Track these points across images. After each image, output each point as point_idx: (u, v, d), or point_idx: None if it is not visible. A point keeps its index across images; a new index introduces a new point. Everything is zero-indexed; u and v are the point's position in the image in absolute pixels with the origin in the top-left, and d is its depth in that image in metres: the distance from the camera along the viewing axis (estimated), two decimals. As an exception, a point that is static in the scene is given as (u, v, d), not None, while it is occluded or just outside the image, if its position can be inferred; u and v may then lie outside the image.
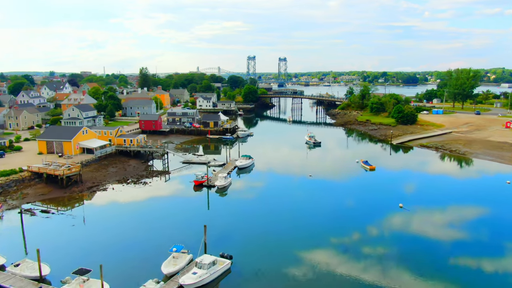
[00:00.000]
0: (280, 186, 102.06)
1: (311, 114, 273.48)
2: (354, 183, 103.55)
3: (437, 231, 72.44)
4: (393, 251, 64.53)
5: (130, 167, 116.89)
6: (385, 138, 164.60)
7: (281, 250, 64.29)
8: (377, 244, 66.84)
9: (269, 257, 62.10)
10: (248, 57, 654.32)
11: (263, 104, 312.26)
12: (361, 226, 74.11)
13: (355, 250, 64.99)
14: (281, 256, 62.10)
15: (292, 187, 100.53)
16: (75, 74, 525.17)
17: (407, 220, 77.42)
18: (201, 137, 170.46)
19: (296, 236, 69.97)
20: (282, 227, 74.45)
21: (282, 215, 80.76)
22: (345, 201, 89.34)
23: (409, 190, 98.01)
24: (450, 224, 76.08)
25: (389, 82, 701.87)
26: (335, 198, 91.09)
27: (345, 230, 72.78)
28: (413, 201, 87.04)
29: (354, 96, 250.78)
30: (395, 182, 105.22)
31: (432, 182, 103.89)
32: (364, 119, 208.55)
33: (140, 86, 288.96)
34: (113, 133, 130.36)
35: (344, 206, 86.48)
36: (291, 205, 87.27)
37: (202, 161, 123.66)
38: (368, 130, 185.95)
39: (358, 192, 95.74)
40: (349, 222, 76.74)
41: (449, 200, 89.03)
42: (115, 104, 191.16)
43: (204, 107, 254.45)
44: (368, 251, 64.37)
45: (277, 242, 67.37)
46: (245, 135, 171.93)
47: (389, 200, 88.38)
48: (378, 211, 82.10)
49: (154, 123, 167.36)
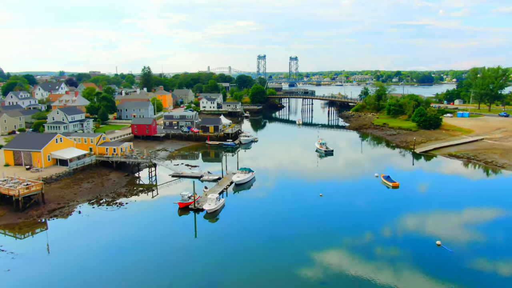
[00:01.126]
0: (283, 208, 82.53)
1: (322, 116, 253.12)
2: (375, 207, 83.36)
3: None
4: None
5: (109, 182, 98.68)
6: (406, 145, 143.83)
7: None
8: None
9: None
10: (259, 56, 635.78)
11: (272, 105, 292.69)
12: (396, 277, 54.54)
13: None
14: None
15: (298, 211, 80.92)
16: (83, 74, 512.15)
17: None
18: (199, 143, 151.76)
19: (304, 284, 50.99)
20: (284, 264, 55.81)
21: (284, 250, 61.88)
22: (364, 235, 69.54)
23: (447, 223, 77.39)
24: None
25: (403, 81, 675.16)
26: (350, 230, 71.34)
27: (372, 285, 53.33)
28: (455, 241, 66.99)
29: (369, 97, 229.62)
30: (426, 205, 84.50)
31: (476, 213, 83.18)
32: (380, 123, 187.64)
33: (142, 86, 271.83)
34: (94, 141, 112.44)
35: (364, 243, 66.74)
36: (296, 237, 68.04)
37: (195, 174, 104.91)
38: (386, 135, 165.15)
39: (380, 220, 75.76)
40: (374, 271, 57.10)
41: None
42: (108, 106, 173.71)
43: (208, 108, 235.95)
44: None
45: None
46: (249, 141, 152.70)
47: (423, 237, 68.37)
48: (412, 251, 62.31)
49: (148, 128, 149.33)
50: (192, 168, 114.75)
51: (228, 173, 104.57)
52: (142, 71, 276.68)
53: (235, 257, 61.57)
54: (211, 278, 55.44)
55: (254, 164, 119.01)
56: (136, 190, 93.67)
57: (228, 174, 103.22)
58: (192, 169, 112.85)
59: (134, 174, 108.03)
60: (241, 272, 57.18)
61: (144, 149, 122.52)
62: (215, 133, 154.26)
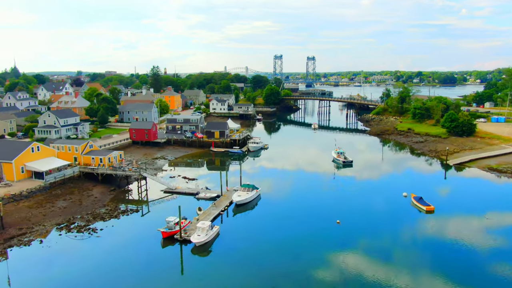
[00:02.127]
0: (291, 238, 65.81)
1: (340, 118, 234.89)
2: (408, 243, 65.89)
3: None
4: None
5: (89, 199, 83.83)
6: (437, 155, 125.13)
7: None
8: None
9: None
10: (275, 56, 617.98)
11: (287, 106, 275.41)
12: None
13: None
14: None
15: (309, 244, 64.18)
16: (98, 74, 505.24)
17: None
18: (203, 150, 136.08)
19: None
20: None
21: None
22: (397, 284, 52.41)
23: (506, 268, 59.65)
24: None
25: (424, 82, 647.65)
26: (376, 276, 54.26)
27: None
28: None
29: (392, 99, 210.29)
30: (471, 237, 66.86)
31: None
32: (405, 128, 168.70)
33: (151, 86, 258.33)
34: (79, 149, 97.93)
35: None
36: (305, 281, 51.55)
37: (190, 191, 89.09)
38: (412, 142, 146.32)
39: (417, 264, 58.47)
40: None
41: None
42: (108, 108, 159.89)
43: (218, 110, 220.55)
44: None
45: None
46: (258, 148, 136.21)
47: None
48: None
49: (147, 133, 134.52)
50: (189, 181, 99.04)
51: (228, 189, 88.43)
52: (151, 71, 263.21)
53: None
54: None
55: (261, 177, 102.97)
56: (118, 210, 78.31)
57: (229, 191, 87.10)
58: (189, 183, 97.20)
59: (122, 188, 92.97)
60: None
61: (134, 160, 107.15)
62: (221, 139, 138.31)
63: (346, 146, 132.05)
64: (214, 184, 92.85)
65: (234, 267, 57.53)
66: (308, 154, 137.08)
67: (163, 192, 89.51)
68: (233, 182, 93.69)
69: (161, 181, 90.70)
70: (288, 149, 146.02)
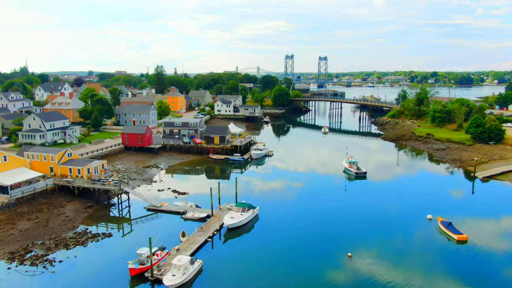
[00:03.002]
0: (291, 278, 52.47)
1: (352, 121, 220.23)
2: (439, 283, 51.96)
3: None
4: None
5: (58, 219, 71.54)
6: (462, 165, 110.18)
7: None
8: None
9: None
10: (286, 56, 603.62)
11: (296, 108, 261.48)
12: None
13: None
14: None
15: (315, 285, 50.77)
16: (107, 73, 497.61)
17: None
18: (201, 157, 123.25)
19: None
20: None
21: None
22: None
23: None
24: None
25: (440, 82, 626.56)
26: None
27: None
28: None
29: (408, 101, 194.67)
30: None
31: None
32: (424, 133, 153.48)
33: (154, 86, 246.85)
34: (55, 158, 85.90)
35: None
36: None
37: (176, 209, 76.18)
38: (432, 150, 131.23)
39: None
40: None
41: None
42: (103, 110, 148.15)
43: (223, 112, 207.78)
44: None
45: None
46: (261, 156, 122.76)
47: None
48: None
49: (141, 138, 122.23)
50: (179, 195, 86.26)
51: (221, 207, 75.41)
52: (155, 70, 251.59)
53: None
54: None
55: (261, 191, 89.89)
56: (87, 235, 65.77)
57: (221, 210, 74.06)
58: (178, 198, 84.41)
59: (100, 204, 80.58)
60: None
61: (114, 171, 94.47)
62: (221, 144, 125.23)
63: (358, 153, 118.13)
64: (207, 199, 79.43)
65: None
66: (316, 162, 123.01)
67: (146, 210, 76.94)
68: (229, 196, 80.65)
69: (144, 197, 77.93)
70: (294, 156, 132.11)
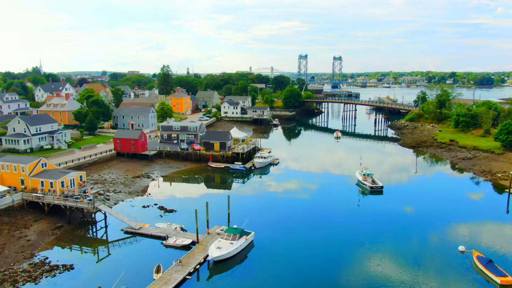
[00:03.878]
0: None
1: (367, 124, 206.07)
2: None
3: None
4: None
5: (17, 244, 60.45)
6: (492, 179, 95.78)
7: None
8: None
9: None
10: (300, 55, 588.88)
11: (308, 110, 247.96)
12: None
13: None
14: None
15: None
16: (118, 73, 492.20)
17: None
18: (200, 165, 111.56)
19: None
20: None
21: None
22: None
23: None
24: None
25: (458, 83, 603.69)
26: None
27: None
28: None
29: (428, 103, 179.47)
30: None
31: None
32: (446, 139, 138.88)
33: (160, 87, 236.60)
34: (26, 169, 75.17)
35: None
36: None
37: (157, 232, 64.29)
38: (458, 159, 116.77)
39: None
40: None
41: None
42: (99, 112, 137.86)
43: (230, 114, 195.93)
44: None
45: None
46: (265, 164, 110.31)
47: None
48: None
49: (134, 143, 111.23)
50: (165, 214, 74.57)
51: (210, 232, 63.40)
52: (161, 70, 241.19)
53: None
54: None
55: (260, 209, 77.56)
56: (44, 267, 54.39)
57: (209, 235, 62.02)
58: (164, 216, 72.71)
59: (72, 224, 69.35)
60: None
61: (89, 187, 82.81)
62: (221, 151, 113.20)
63: (374, 162, 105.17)
64: (199, 218, 67.22)
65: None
66: (325, 173, 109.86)
67: (123, 232, 65.43)
68: (222, 216, 68.44)
69: (121, 217, 66.31)
70: (302, 165, 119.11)
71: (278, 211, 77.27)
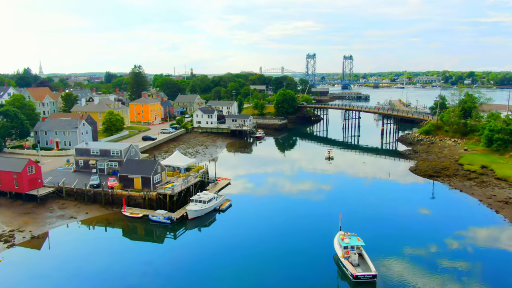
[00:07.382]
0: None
1: (373, 133, 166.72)
2: None
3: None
4: None
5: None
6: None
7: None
8: None
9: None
10: (308, 55, 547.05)
11: (305, 117, 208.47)
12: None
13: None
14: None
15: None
16: (111, 74, 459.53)
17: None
18: (111, 212, 73.90)
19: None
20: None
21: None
22: None
23: None
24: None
25: (477, 83, 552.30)
26: None
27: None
28: None
29: (450, 112, 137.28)
30: None
31: None
32: (476, 164, 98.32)
33: (131, 89, 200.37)
34: None
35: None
36: None
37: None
38: (495, 202, 76.19)
39: None
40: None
41: None
42: (8, 127, 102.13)
43: (204, 125, 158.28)
44: None
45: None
46: (204, 212, 71.96)
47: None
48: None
49: (18, 179, 74.69)
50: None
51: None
52: (132, 70, 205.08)
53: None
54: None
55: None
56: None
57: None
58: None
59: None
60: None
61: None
62: (144, 190, 75.23)
63: (370, 205, 65.79)
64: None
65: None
66: (293, 231, 70.14)
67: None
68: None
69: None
70: (265, 209, 79.54)
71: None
